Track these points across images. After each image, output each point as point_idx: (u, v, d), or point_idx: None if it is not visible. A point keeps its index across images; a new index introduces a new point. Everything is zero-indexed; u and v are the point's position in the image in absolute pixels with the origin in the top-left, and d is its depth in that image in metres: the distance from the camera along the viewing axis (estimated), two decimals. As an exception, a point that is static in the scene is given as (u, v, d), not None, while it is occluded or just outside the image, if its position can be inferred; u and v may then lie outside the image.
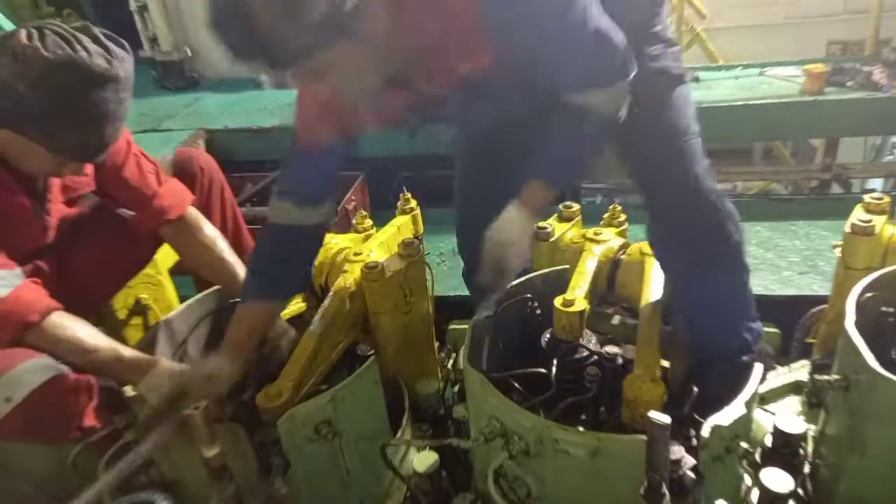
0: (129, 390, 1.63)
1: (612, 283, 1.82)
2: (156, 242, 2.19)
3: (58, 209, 1.82)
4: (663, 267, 1.67)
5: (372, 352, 1.77)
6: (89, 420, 1.61)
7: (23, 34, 1.45)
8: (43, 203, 1.77)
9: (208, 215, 2.21)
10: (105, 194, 1.94)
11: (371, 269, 1.79)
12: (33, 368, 1.56)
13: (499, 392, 1.49)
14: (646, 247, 1.80)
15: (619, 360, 1.84)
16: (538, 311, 1.86)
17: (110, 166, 1.82)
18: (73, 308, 1.65)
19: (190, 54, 4.86)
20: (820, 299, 2.15)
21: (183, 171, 2.13)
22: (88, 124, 1.53)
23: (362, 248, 1.98)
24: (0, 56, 1.44)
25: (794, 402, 2.01)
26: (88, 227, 1.97)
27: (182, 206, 1.95)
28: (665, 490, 1.26)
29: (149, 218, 1.93)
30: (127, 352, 1.62)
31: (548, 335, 1.78)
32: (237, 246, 2.34)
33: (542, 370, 1.78)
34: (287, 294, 1.74)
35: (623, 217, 2.06)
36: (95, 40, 1.51)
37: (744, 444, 1.41)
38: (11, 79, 1.42)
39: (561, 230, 2.00)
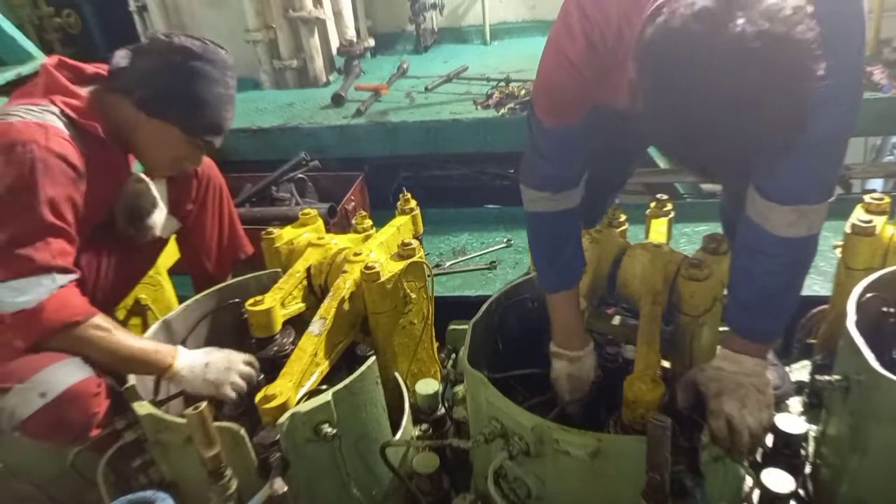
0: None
1: (613, 283, 1.82)
2: (158, 248, 2.19)
3: None
4: None
5: (372, 352, 1.76)
6: (105, 423, 1.63)
7: (161, 37, 1.75)
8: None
9: (202, 219, 2.22)
10: None
11: (370, 270, 1.79)
12: (67, 367, 1.58)
13: (499, 392, 1.49)
14: (646, 247, 1.79)
15: (619, 360, 1.85)
16: (538, 312, 1.86)
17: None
18: None
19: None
20: (821, 300, 2.15)
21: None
22: (220, 105, 1.78)
23: (362, 249, 1.98)
24: (146, 55, 1.73)
25: (795, 403, 2.01)
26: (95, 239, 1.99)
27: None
28: (666, 490, 1.26)
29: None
30: (150, 348, 1.68)
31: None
32: (232, 250, 2.35)
33: (542, 370, 1.78)
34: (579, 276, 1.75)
35: (623, 217, 2.06)
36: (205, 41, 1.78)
37: (744, 445, 1.40)
38: (161, 72, 1.71)
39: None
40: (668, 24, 1.02)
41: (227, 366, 1.71)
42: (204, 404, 1.27)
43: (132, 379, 1.66)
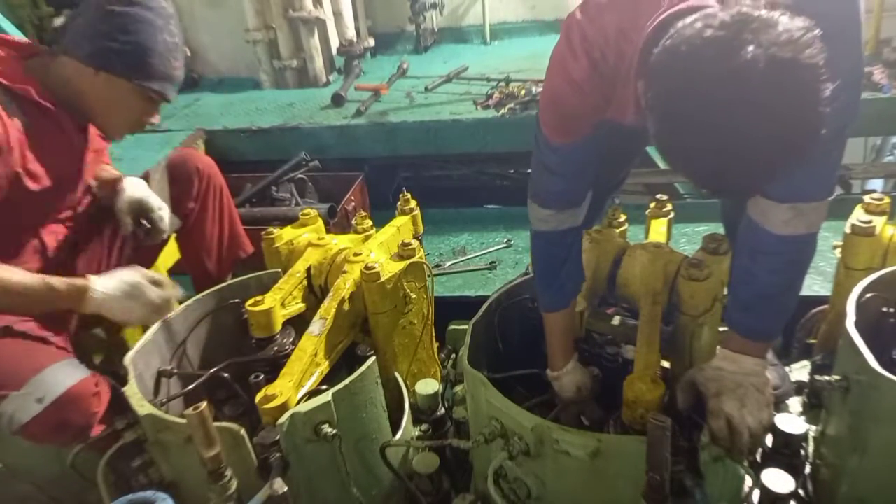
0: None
1: (613, 283, 1.82)
2: (158, 247, 2.20)
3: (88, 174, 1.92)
4: None
5: (372, 352, 1.76)
6: (104, 423, 1.63)
7: None
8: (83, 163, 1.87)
9: (203, 218, 2.22)
10: None
11: (370, 270, 1.79)
12: (64, 370, 1.57)
13: (499, 392, 1.49)
14: (646, 247, 1.80)
15: (619, 360, 1.85)
16: (538, 311, 1.86)
17: None
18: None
19: (189, 54, 4.84)
20: (820, 300, 2.15)
21: (179, 172, 2.14)
22: (167, 53, 1.72)
23: (362, 249, 1.98)
24: (84, 11, 1.67)
25: (794, 403, 2.01)
26: (91, 236, 1.98)
27: None
28: (666, 490, 1.26)
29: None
30: (57, 281, 1.62)
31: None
32: (233, 250, 2.36)
33: (542, 370, 1.79)
34: (574, 295, 1.74)
35: (623, 217, 2.06)
36: None
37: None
38: (99, 23, 1.65)
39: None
40: (677, 49, 1.02)
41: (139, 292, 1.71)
42: (203, 404, 1.27)
43: (132, 377, 1.66)
